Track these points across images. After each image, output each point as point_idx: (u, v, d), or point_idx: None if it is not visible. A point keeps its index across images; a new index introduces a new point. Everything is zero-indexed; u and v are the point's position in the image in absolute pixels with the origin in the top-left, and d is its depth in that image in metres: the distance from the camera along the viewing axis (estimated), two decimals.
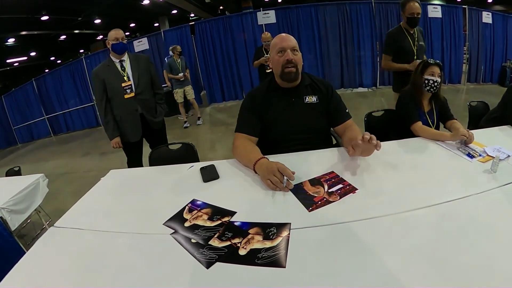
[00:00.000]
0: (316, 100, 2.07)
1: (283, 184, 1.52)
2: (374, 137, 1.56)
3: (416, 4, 3.49)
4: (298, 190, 1.52)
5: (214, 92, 9.36)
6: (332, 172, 1.67)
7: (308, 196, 1.47)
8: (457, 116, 2.45)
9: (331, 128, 2.17)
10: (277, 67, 2.00)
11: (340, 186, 1.53)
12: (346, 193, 1.47)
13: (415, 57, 3.48)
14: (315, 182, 1.59)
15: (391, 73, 3.87)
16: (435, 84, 2.38)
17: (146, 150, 3.11)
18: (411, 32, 3.63)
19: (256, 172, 1.69)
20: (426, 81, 2.38)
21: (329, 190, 1.50)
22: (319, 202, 1.41)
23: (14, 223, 2.73)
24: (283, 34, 2.04)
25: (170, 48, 7.40)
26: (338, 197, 1.44)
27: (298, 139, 2.03)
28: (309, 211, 1.36)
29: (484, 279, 0.93)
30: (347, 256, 1.08)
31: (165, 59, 7.58)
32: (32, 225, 3.50)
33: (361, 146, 1.61)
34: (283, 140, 2.03)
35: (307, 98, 2.06)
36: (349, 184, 1.54)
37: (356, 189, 1.50)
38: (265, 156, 1.75)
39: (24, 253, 1.32)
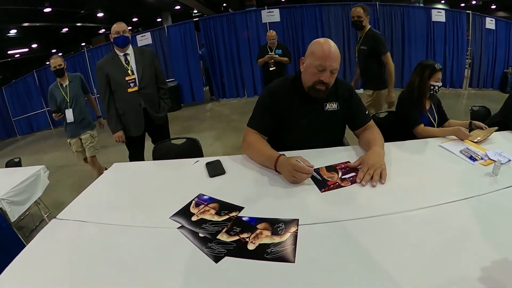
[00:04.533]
0: (337, 107, 2.00)
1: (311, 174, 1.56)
2: (370, 178, 1.56)
3: (355, 8, 3.96)
4: (314, 173, 1.59)
5: (216, 89, 9.37)
6: (348, 161, 1.76)
7: (323, 179, 1.58)
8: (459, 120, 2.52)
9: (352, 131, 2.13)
10: (309, 79, 1.87)
11: (353, 174, 1.63)
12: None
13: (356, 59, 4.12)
14: (331, 168, 1.70)
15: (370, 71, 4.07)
16: (439, 88, 2.49)
17: (148, 144, 3.11)
18: (359, 35, 4.05)
19: (276, 170, 1.68)
20: (432, 87, 2.45)
21: (343, 177, 1.61)
22: (332, 186, 1.53)
23: (13, 214, 2.73)
24: (331, 47, 1.81)
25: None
26: (350, 183, 1.54)
27: (311, 147, 1.96)
28: (321, 192, 1.48)
29: (485, 280, 0.94)
30: (354, 252, 1.09)
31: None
32: (31, 217, 3.49)
33: None
34: (295, 146, 1.96)
35: (327, 105, 1.99)
36: None
37: None
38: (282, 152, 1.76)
39: (24, 245, 1.31)
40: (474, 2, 18.78)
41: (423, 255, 1.04)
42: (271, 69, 5.51)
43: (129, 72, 3.10)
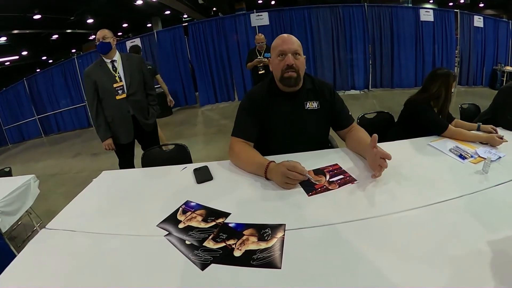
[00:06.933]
0: (317, 106, 1.98)
1: (306, 177, 1.56)
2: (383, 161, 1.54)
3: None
4: (308, 175, 1.59)
5: (206, 93, 9.34)
6: (336, 164, 1.76)
7: (310, 183, 1.57)
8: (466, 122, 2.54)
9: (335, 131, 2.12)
10: (276, 71, 1.90)
11: (341, 176, 1.62)
12: (346, 183, 1.55)
13: None
14: (318, 172, 1.69)
15: None
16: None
17: (138, 151, 3.09)
18: None
19: (267, 178, 1.65)
20: (451, 93, 2.48)
21: (330, 180, 1.60)
22: (319, 189, 1.52)
23: (5, 224, 2.70)
24: (285, 35, 1.90)
25: None
26: (337, 186, 1.54)
27: (297, 149, 1.96)
28: (309, 196, 1.47)
29: (477, 278, 0.94)
30: (343, 256, 1.08)
31: None
32: (23, 227, 3.46)
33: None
34: (281, 149, 1.94)
35: (308, 104, 1.97)
36: (350, 176, 1.62)
37: (355, 180, 1.58)
38: (268, 157, 1.76)
39: (15, 255, 1.30)
40: (462, 1, 18.96)
41: (413, 257, 1.04)
42: (260, 72, 5.52)
43: (117, 79, 3.08)
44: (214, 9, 19.58)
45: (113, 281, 1.10)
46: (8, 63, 17.87)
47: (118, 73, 3.09)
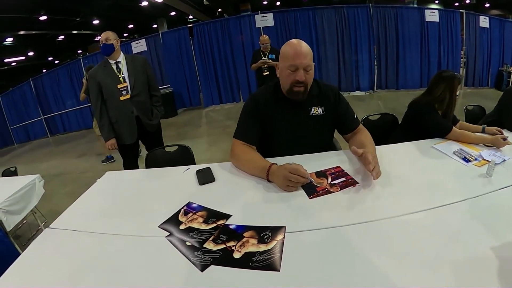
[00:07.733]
0: (322, 111, 1.96)
1: (308, 180, 1.56)
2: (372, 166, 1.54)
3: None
4: (310, 178, 1.59)
5: (211, 94, 9.36)
6: (338, 166, 1.75)
7: (312, 185, 1.56)
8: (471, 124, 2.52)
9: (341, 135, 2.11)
10: (285, 82, 1.85)
11: (343, 179, 1.61)
12: (347, 186, 1.55)
13: None
14: (320, 174, 1.68)
15: None
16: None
17: (142, 152, 3.10)
18: None
19: (269, 181, 1.65)
20: (457, 96, 2.45)
21: (332, 182, 1.59)
22: (321, 192, 1.51)
23: (9, 223, 2.72)
24: (297, 45, 1.79)
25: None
26: (339, 189, 1.53)
27: (300, 152, 1.92)
28: (310, 198, 1.46)
29: (480, 282, 0.93)
30: (342, 259, 1.08)
31: None
32: (27, 226, 3.49)
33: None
34: (283, 153, 1.93)
35: (312, 109, 1.94)
36: (352, 178, 1.61)
37: (357, 182, 1.57)
38: (270, 159, 1.75)
39: (19, 254, 1.31)
40: (468, 1, 18.85)
41: (415, 261, 1.04)
42: (264, 74, 5.53)
43: (121, 79, 3.09)
44: (219, 10, 19.60)
45: (115, 280, 1.11)
46: (14, 63, 17.97)
47: (122, 74, 3.11)
